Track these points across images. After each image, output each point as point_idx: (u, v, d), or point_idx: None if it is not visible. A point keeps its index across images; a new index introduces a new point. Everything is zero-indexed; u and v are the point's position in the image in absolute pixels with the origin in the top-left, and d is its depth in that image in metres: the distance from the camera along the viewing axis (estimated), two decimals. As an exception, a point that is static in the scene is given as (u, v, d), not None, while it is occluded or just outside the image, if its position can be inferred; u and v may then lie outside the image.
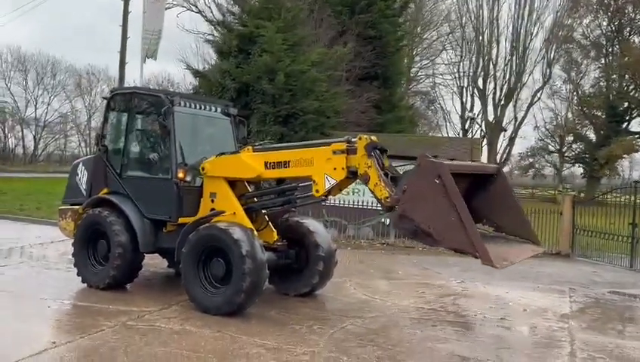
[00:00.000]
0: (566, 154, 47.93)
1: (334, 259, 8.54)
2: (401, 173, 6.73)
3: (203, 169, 8.01)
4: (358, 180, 7.21)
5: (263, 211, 8.29)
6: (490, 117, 46.58)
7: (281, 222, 8.52)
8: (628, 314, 8.51)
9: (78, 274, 8.52)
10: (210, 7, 25.69)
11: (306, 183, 8.13)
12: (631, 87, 44.08)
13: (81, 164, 9.19)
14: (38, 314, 6.97)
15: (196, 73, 17.57)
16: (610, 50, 45.27)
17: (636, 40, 44.48)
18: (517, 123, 47.96)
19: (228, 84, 15.93)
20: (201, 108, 8.78)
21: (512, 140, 48.40)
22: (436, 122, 50.35)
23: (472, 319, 7.72)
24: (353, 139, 7.21)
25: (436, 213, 6.04)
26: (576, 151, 48.27)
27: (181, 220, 7.99)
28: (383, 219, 15.31)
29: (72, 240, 8.73)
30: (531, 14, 46.04)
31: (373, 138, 7.14)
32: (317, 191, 7.30)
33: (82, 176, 9.05)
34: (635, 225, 13.02)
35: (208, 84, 16.66)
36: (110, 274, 8.11)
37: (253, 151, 7.92)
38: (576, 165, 48.64)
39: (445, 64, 46.76)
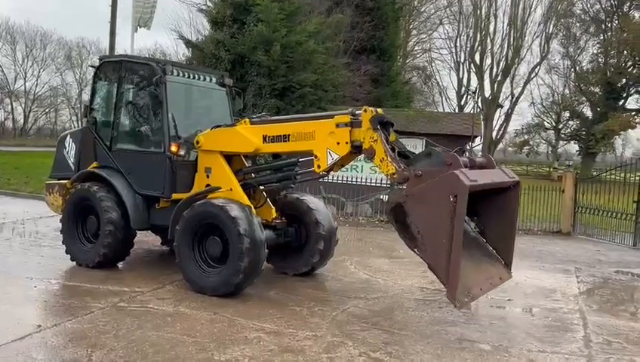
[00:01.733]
0: (562, 131, 47.67)
1: (335, 238, 8.20)
2: (426, 150, 6.27)
3: (197, 142, 7.59)
4: (362, 156, 6.83)
5: (261, 187, 7.91)
6: (487, 93, 46.09)
7: (279, 199, 8.15)
8: (638, 295, 8.24)
9: (66, 252, 8.15)
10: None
11: (305, 158, 7.77)
12: (629, 64, 43.69)
13: (68, 137, 8.74)
14: (23, 295, 6.58)
15: (189, 43, 16.97)
16: (609, 25, 44.75)
17: (636, 15, 43.98)
18: (513, 99, 47.56)
19: (222, 55, 15.38)
20: (194, 78, 8.33)
21: (508, 117, 48.06)
22: (432, 98, 49.84)
23: (481, 301, 7.36)
24: (357, 112, 6.80)
25: (433, 224, 5.58)
26: (572, 128, 48.01)
27: (174, 196, 7.61)
28: (381, 196, 14.98)
29: (61, 217, 8.33)
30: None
31: (379, 111, 6.74)
32: (318, 166, 6.90)
33: (70, 150, 8.61)
34: (639, 202, 12.75)
35: (201, 55, 16.10)
36: (100, 252, 7.74)
37: (251, 124, 7.51)
38: (572, 142, 48.43)
39: (442, 38, 46.09)
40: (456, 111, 45.93)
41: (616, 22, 44.20)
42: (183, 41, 16.90)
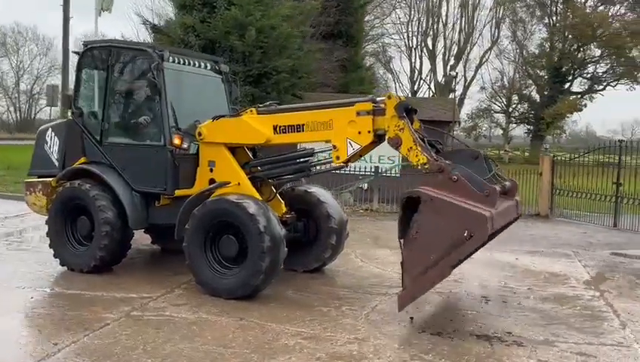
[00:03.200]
0: (512, 115, 48.80)
1: (346, 231, 7.85)
2: (472, 151, 5.98)
3: (200, 134, 7.06)
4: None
5: (269, 180, 7.46)
6: (440, 77, 46.62)
7: (286, 192, 7.72)
8: (645, 277, 8.30)
9: (55, 256, 7.48)
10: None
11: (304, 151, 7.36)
12: (574, 48, 45.06)
13: (50, 130, 7.98)
14: (21, 308, 5.94)
15: (154, 28, 16.08)
16: (554, 9, 45.95)
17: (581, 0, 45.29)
18: (466, 83, 48.27)
19: (192, 40, 14.64)
20: (189, 64, 7.75)
21: (461, 101, 48.70)
22: (384, 83, 49.90)
23: (501, 291, 7.25)
24: (378, 99, 6.46)
25: (433, 238, 5.27)
26: (520, 112, 49.24)
27: (177, 193, 7.07)
28: (361, 185, 14.72)
29: (46, 217, 7.62)
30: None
31: (402, 97, 6.42)
32: (337, 157, 6.51)
33: (53, 144, 7.87)
34: (619, 184, 13.01)
35: (168, 41, 15.28)
36: (97, 255, 7.11)
37: (258, 114, 7.02)
38: (521, 125, 49.67)
39: (394, 24, 46.10)
40: (410, 96, 46.15)
41: (561, 6, 45.44)
42: (148, 26, 16.00)
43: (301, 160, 7.22)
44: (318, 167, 7.36)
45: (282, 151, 7.46)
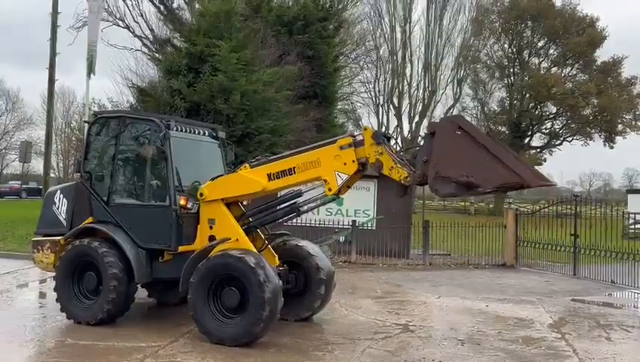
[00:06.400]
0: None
1: (333, 282, 8.58)
2: (412, 155, 7.01)
3: (201, 195, 7.80)
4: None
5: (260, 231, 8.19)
6: (406, 132, 48.46)
7: (279, 246, 8.46)
8: (602, 321, 9.16)
9: (62, 310, 7.98)
10: (138, 23, 24.93)
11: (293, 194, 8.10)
12: (531, 105, 47.77)
13: (58, 192, 8.61)
14: (44, 359, 6.45)
15: (141, 91, 16.94)
16: (511, 70, 48.80)
17: (535, 61, 48.30)
18: (431, 138, 50.12)
19: (178, 103, 15.54)
20: (191, 131, 8.57)
21: (427, 155, 50.39)
22: (354, 139, 51.32)
23: (475, 334, 8.02)
24: (356, 133, 7.41)
25: (469, 160, 6.28)
26: (484, 165, 51.23)
27: (181, 249, 7.74)
28: (339, 238, 15.49)
29: (54, 274, 8.16)
30: (441, 36, 48.57)
31: (376, 129, 7.38)
32: (329, 189, 7.34)
33: (61, 205, 8.48)
34: (576, 235, 14.12)
35: (154, 102, 16.15)
36: (104, 308, 7.66)
37: (251, 168, 7.84)
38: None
39: (362, 82, 48.00)
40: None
41: (517, 67, 48.35)
42: (134, 90, 16.84)
43: (290, 202, 7.97)
44: (309, 205, 7.96)
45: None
